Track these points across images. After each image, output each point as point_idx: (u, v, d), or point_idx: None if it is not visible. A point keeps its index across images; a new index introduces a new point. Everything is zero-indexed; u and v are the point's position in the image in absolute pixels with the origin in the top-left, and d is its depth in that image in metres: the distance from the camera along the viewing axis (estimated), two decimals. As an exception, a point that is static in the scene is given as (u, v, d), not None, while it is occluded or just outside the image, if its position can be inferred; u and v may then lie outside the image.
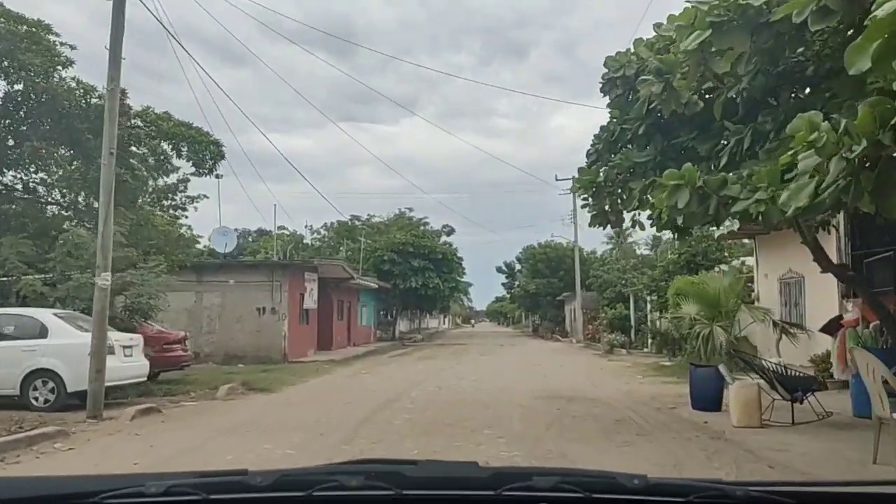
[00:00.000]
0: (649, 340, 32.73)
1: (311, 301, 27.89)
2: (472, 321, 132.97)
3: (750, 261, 28.03)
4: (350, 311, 35.50)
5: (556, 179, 44.64)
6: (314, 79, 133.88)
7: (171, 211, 37.41)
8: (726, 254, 27.76)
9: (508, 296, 76.97)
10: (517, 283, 63.50)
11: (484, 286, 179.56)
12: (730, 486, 1.56)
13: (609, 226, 11.56)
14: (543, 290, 55.59)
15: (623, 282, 44.09)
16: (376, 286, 37.45)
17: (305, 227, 55.97)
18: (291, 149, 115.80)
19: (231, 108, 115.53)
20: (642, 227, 11.91)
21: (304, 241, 50.22)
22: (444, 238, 51.33)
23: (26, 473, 6.85)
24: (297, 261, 25.59)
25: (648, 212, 11.31)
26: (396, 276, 42.10)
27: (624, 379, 18.04)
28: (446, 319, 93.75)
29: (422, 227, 45.83)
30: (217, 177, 33.31)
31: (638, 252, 58.54)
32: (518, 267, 65.14)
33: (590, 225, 11.57)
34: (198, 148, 18.24)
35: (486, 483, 1.56)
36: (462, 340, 47.53)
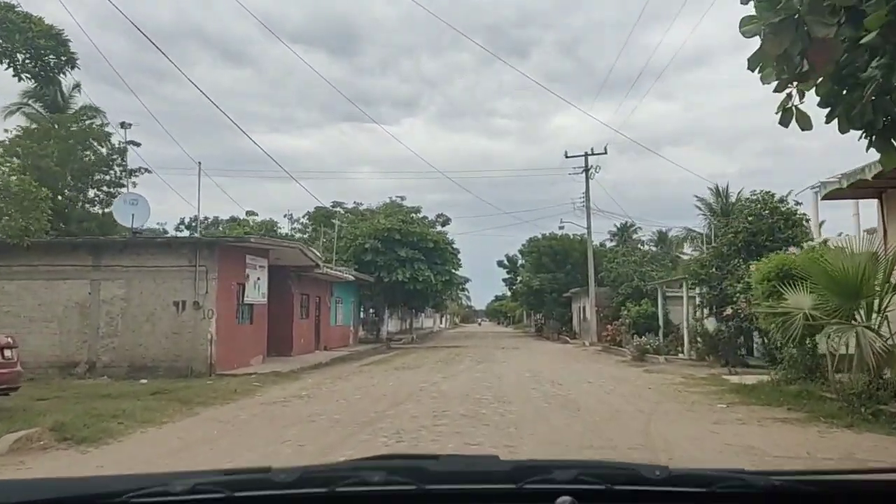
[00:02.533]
0: (686, 344, 25.69)
1: (256, 294, 20.84)
2: (480, 320, 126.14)
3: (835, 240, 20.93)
4: (319, 308, 28.43)
5: (566, 156, 37.51)
6: (315, 79, 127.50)
7: (104, 188, 30.72)
8: (796, 230, 20.65)
9: (510, 293, 69.73)
10: (519, 278, 56.44)
11: (483, 286, 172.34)
12: (752, 476, 1.52)
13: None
14: (548, 286, 48.67)
15: (639, 275, 37.40)
16: (353, 278, 30.35)
17: (285, 216, 48.99)
18: (292, 148, 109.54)
19: (234, 108, 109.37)
20: (804, 125, 4.88)
21: (278, 230, 43.14)
22: (438, 229, 44.30)
23: None
24: (230, 238, 18.51)
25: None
26: (380, 268, 35.06)
27: (707, 413, 10.93)
28: (443, 319, 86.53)
29: (413, 216, 38.66)
30: (123, 126, 26.51)
31: (645, 248, 52.10)
32: (521, 261, 58.10)
33: (781, 120, 4.58)
34: (20, 39, 11.09)
35: (508, 476, 1.51)
36: (458, 342, 40.44)
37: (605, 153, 36.40)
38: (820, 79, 4.69)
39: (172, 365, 17.65)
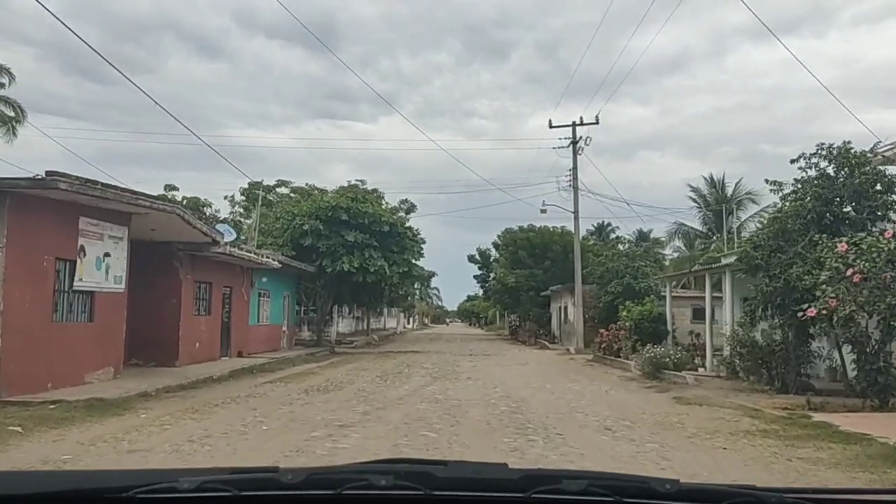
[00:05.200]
0: (709, 356, 19.16)
1: (102, 277, 13.79)
2: (448, 321, 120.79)
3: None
4: (230, 302, 21.34)
5: (550, 126, 30.74)
6: (292, 75, 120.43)
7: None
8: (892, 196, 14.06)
9: (482, 291, 62.72)
10: (493, 274, 49.64)
11: (458, 286, 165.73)
12: (763, 493, 1.44)
13: None
14: (525, 284, 42.09)
15: (631, 271, 31.11)
16: (279, 265, 23.26)
17: (225, 197, 41.74)
18: (267, 143, 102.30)
19: (209, 103, 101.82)
20: None
21: (213, 211, 35.94)
22: (401, 216, 37.35)
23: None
24: (23, 179, 11.36)
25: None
26: (323, 255, 28.01)
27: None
28: (410, 319, 79.37)
29: (367, 197, 31.49)
30: None
31: (621, 247, 46.21)
32: (494, 255, 51.36)
33: None
34: None
35: (516, 485, 1.46)
36: (418, 347, 33.56)
37: (597, 122, 29.78)
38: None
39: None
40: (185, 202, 32.64)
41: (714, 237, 44.50)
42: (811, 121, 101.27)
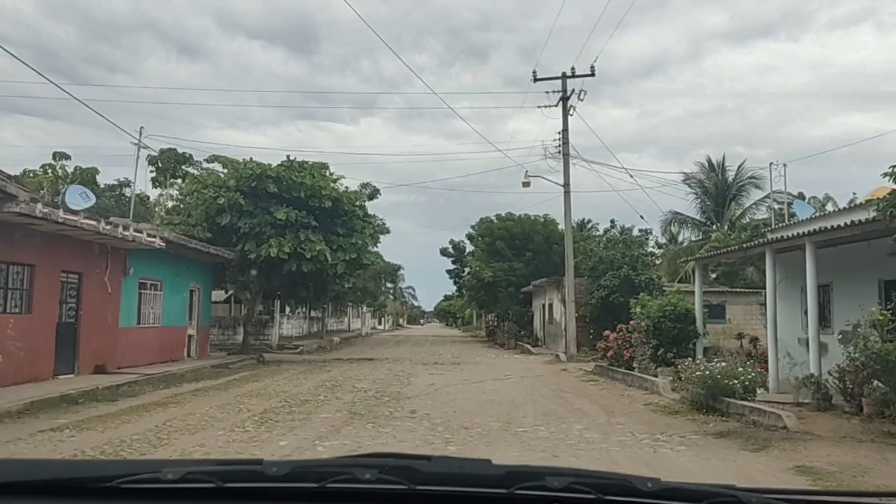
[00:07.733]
0: (772, 371, 12.73)
1: None
2: (422, 321, 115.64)
3: None
4: (79, 295, 14.43)
5: (535, 80, 24.13)
6: (272, 76, 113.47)
7: None
8: None
9: (456, 288, 55.83)
10: (468, 269, 42.96)
11: (438, 288, 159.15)
12: (744, 493, 1.40)
13: None
14: (503, 279, 35.64)
15: (630, 261, 25.01)
16: (163, 244, 16.34)
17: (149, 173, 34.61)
18: (248, 145, 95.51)
19: (189, 103, 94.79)
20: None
21: (127, 191, 28.86)
22: (354, 196, 30.47)
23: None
24: None
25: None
26: (245, 237, 21.24)
27: None
28: (382, 320, 72.30)
29: (305, 165, 24.29)
30: None
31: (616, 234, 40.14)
32: (469, 248, 44.66)
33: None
34: None
35: (500, 481, 1.41)
36: (376, 352, 26.81)
37: (593, 74, 23.25)
38: None
39: None
40: (77, 173, 25.50)
41: (714, 226, 38.92)
42: (784, 123, 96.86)
